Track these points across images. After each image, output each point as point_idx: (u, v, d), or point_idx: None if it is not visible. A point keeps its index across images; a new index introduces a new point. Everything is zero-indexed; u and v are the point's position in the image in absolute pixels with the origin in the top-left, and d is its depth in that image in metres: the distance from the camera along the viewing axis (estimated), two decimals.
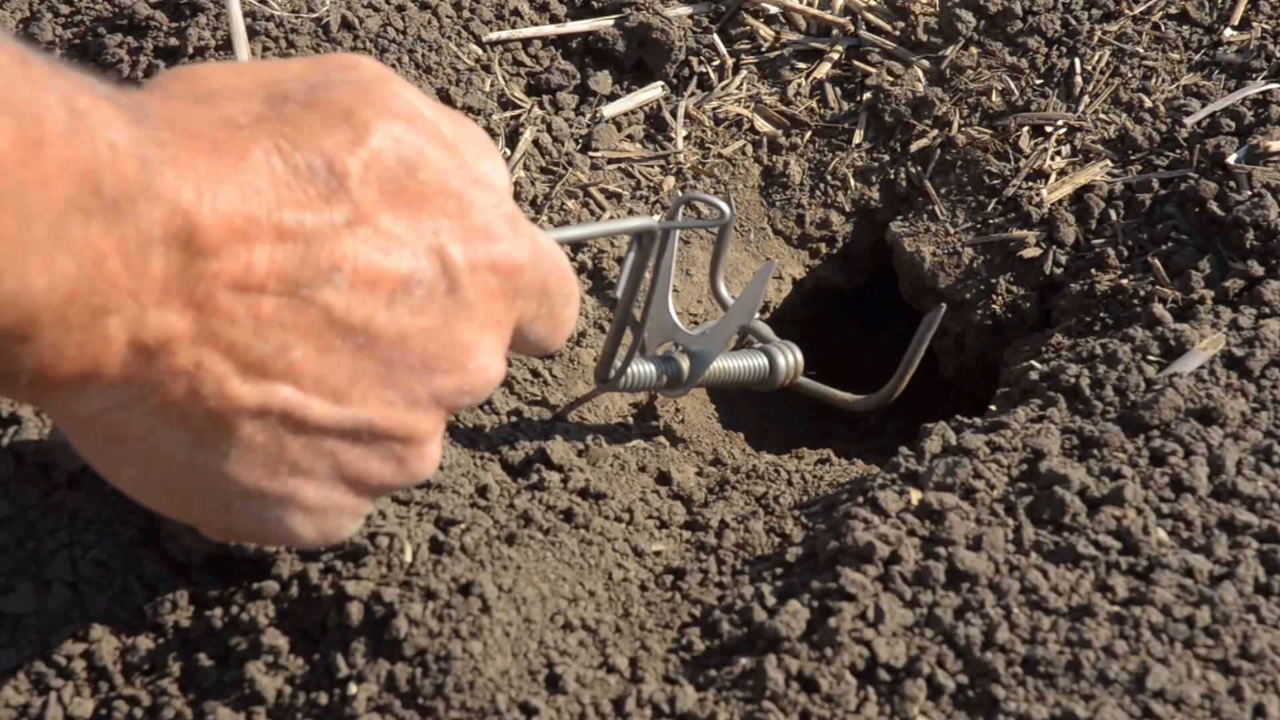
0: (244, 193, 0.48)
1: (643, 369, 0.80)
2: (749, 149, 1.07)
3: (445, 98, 1.02)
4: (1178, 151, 0.97)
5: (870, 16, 1.10)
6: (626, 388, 0.80)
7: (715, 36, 1.10)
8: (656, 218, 0.75)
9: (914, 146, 1.05)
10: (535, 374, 0.88)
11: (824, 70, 1.09)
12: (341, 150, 0.50)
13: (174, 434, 0.50)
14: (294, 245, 0.49)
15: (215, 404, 0.49)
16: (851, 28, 1.10)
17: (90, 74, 0.46)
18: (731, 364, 0.84)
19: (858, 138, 1.06)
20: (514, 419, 0.81)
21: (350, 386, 0.51)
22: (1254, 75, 1.00)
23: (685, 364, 0.81)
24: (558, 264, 0.59)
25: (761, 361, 0.86)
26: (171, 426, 0.50)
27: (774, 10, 1.11)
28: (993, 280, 0.98)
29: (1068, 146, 1.00)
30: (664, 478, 0.80)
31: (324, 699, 0.62)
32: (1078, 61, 1.05)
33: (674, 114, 1.07)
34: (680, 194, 0.78)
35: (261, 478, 0.52)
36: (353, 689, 0.61)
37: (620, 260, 0.97)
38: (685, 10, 1.11)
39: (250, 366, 0.49)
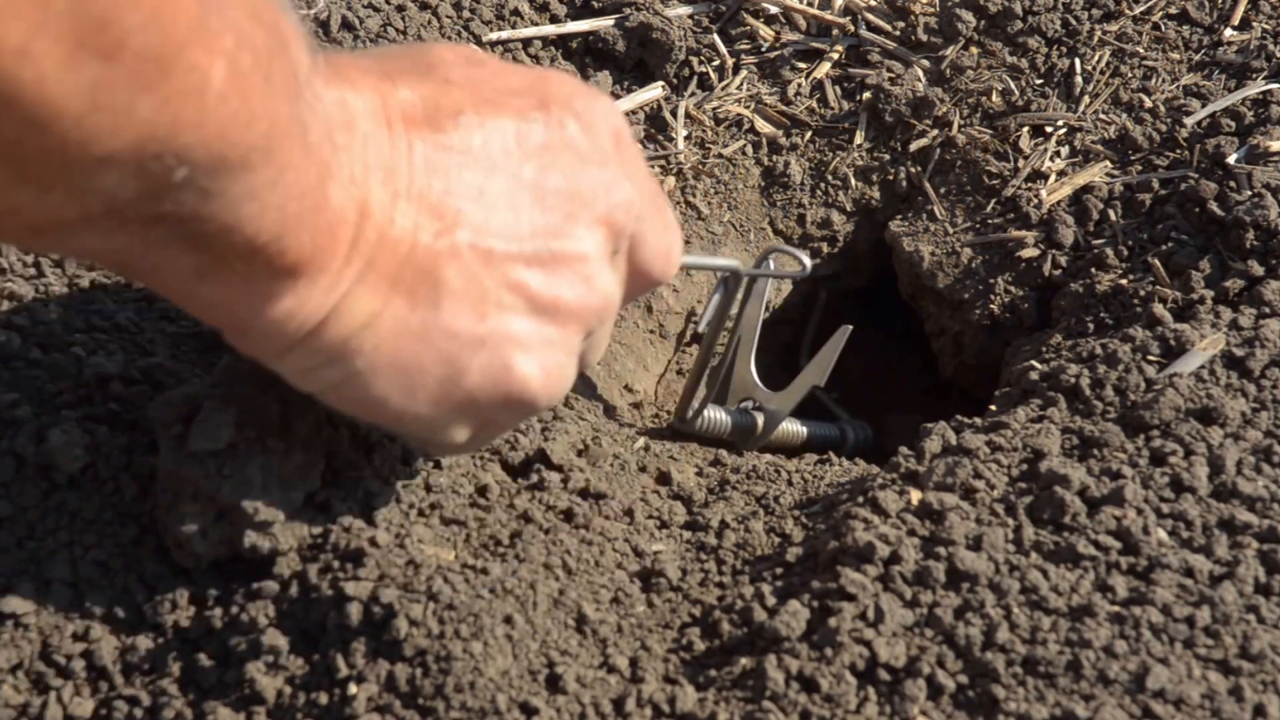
0: (368, 81, 0.56)
1: (719, 416, 0.88)
2: (749, 149, 1.07)
3: None
4: (1178, 151, 0.97)
5: (870, 16, 1.10)
6: (701, 430, 0.87)
7: (715, 36, 1.10)
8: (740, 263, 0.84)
9: (914, 146, 1.05)
10: None
11: (824, 70, 1.09)
12: (418, 55, 0.59)
13: (394, 307, 0.56)
14: (420, 97, 0.56)
15: (414, 257, 0.55)
16: (851, 28, 1.10)
17: None
18: (807, 430, 0.95)
19: (858, 138, 1.06)
20: None
21: (514, 217, 0.58)
22: (1254, 75, 1.00)
23: (760, 419, 0.89)
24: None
25: (834, 434, 0.98)
26: (390, 301, 0.56)
27: (774, 10, 1.11)
28: (992, 280, 0.98)
29: (1067, 147, 1.00)
30: (664, 478, 0.80)
31: (324, 699, 0.62)
32: (1078, 61, 1.05)
33: (674, 114, 1.07)
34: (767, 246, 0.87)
35: (474, 321, 0.58)
36: (353, 689, 0.61)
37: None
38: (685, 10, 1.11)
39: (429, 212, 0.56)
